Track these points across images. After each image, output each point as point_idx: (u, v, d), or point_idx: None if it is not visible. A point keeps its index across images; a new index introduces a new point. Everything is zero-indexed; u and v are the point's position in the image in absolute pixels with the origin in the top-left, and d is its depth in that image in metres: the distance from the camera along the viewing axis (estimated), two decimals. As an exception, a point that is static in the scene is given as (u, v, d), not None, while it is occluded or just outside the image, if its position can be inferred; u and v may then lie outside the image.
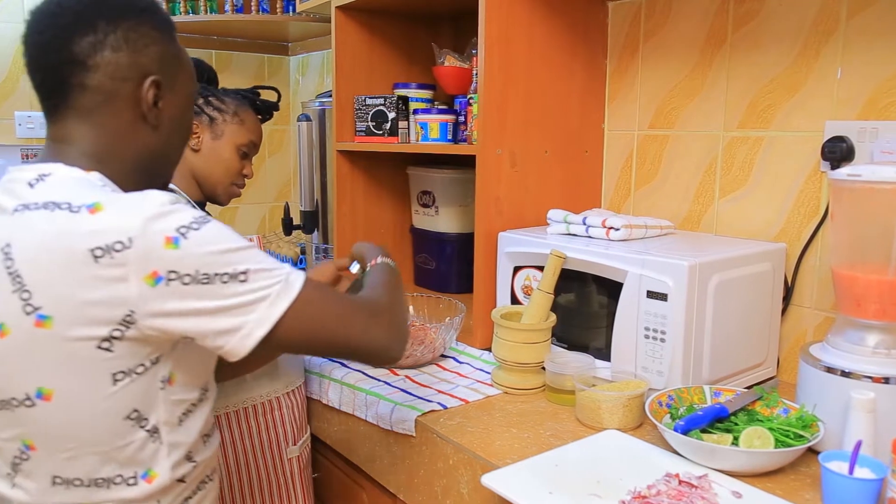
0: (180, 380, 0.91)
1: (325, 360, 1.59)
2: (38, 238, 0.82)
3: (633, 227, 1.43)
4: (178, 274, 0.82)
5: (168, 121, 0.97)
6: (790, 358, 1.46)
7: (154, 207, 0.83)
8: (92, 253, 0.80)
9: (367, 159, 2.08)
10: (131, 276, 0.81)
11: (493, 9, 1.52)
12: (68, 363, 0.84)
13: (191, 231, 0.83)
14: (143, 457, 0.90)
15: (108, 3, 0.91)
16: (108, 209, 0.82)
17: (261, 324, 0.86)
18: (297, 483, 1.46)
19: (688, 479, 1.00)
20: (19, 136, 2.54)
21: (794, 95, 1.43)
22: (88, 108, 0.91)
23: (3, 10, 2.48)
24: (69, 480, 0.89)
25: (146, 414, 0.89)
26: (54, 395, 0.85)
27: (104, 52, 0.89)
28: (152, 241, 0.81)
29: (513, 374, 1.37)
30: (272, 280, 0.87)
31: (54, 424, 0.86)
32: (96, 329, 0.82)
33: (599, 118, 1.79)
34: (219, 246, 0.84)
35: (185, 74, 1.00)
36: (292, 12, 2.52)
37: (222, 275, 0.84)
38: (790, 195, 1.45)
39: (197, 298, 0.83)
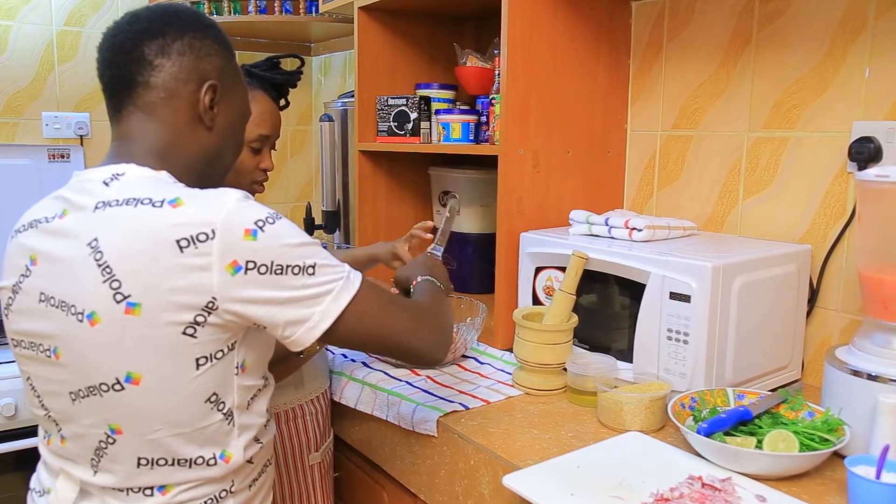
0: (250, 367, 0.97)
1: (346, 360, 1.60)
2: (125, 231, 0.88)
3: (655, 227, 1.42)
4: (256, 264, 0.88)
5: (222, 126, 1.04)
6: (815, 361, 1.44)
7: (233, 202, 0.90)
8: (178, 243, 0.86)
9: (389, 159, 2.09)
10: (214, 264, 0.87)
11: (516, 9, 1.52)
12: (156, 348, 0.89)
13: (267, 224, 0.90)
14: (219, 437, 0.96)
15: (179, 16, 1.01)
16: (189, 204, 0.89)
17: (326, 316, 0.92)
18: (317, 489, 1.46)
19: (711, 482, 1.00)
20: (46, 136, 2.57)
21: (821, 95, 1.41)
22: (152, 105, 0.98)
23: (31, 14, 2.52)
24: (154, 461, 0.94)
25: (223, 397, 0.95)
26: (142, 379, 0.90)
27: (170, 54, 0.98)
28: (233, 232, 0.88)
29: (534, 375, 1.37)
30: (336, 276, 0.94)
31: (141, 407, 0.91)
32: (181, 315, 0.88)
33: (622, 118, 1.78)
34: (292, 240, 0.91)
35: (241, 90, 1.09)
36: (315, 13, 2.53)
37: (293, 266, 0.90)
38: (816, 196, 1.44)
39: (271, 288, 0.89)
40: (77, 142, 2.61)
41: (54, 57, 2.58)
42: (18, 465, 1.85)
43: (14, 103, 2.52)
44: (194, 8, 1.06)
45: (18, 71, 2.52)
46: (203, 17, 1.04)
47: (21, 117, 2.54)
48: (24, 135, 2.55)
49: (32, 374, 0.98)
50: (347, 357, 1.61)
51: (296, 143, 3.12)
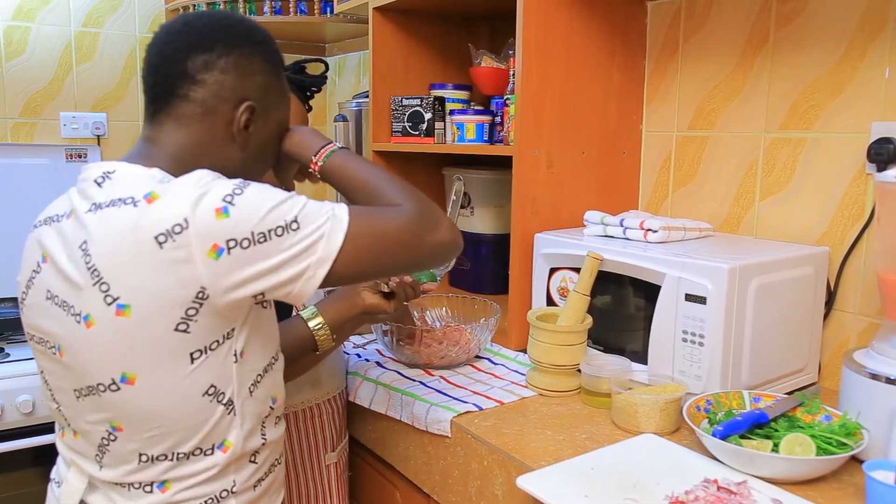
0: (250, 351, 0.96)
1: (360, 360, 1.60)
2: (110, 233, 0.88)
3: (671, 228, 1.42)
4: (237, 241, 0.87)
5: (255, 146, 1.04)
6: (832, 364, 1.43)
7: (198, 186, 0.88)
8: (156, 240, 0.86)
9: (404, 160, 2.09)
10: (195, 254, 0.86)
11: (531, 10, 1.52)
12: (149, 348, 0.89)
13: (236, 197, 0.88)
14: (220, 429, 0.96)
15: (230, 31, 1.00)
16: (163, 196, 0.88)
17: (322, 263, 0.91)
18: (333, 488, 1.46)
19: (726, 485, 0.99)
20: (64, 136, 2.60)
21: (839, 96, 1.40)
22: (187, 118, 0.99)
23: (50, 14, 2.54)
24: (154, 457, 0.94)
25: (222, 388, 0.94)
26: (137, 378, 0.90)
27: (214, 71, 0.98)
28: (205, 216, 0.86)
29: (548, 376, 1.37)
30: (321, 219, 0.91)
31: (139, 406, 0.92)
32: (172, 312, 0.87)
33: (637, 119, 1.77)
34: (266, 204, 0.89)
35: (282, 108, 1.08)
36: (330, 13, 2.53)
37: (276, 229, 0.88)
38: (834, 198, 1.42)
39: (259, 259, 0.88)
40: (94, 142, 2.63)
41: (72, 58, 2.60)
42: (36, 460, 1.87)
43: (33, 104, 2.55)
44: (248, 20, 1.05)
45: (37, 71, 2.55)
46: (257, 31, 1.03)
47: (39, 117, 2.57)
48: (43, 135, 2.57)
49: (44, 368, 1.00)
50: (361, 357, 1.62)
51: (310, 144, 3.13)
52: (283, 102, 1.08)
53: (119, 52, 2.66)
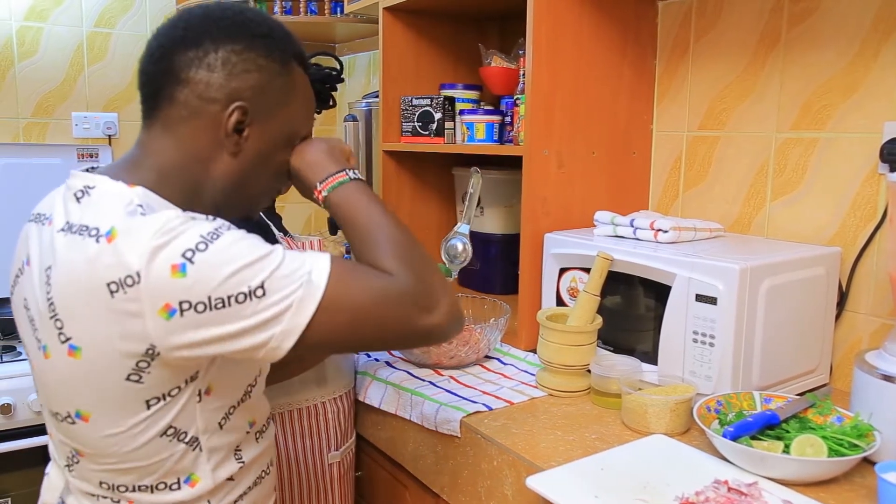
0: (219, 388, 0.90)
1: (370, 359, 1.60)
2: (69, 267, 0.82)
3: (681, 229, 1.41)
4: (191, 303, 0.79)
5: (253, 153, 0.93)
6: (844, 365, 1.42)
7: (159, 236, 0.79)
8: (108, 287, 0.79)
9: (413, 160, 2.09)
10: (146, 310, 0.79)
11: (542, 10, 1.52)
12: (100, 391, 0.85)
13: (197, 254, 0.79)
14: (184, 465, 0.91)
15: (220, 24, 0.90)
16: (121, 237, 0.80)
17: (288, 335, 0.81)
18: (335, 488, 1.46)
19: (737, 486, 0.99)
20: (75, 136, 2.61)
21: (852, 96, 1.39)
22: (173, 121, 0.91)
23: (63, 15, 2.56)
24: (116, 486, 0.91)
25: (184, 428, 0.89)
26: (91, 417, 0.87)
27: (199, 69, 0.89)
28: (159, 272, 0.78)
29: (558, 377, 1.36)
30: (294, 285, 0.81)
31: (95, 442, 0.89)
32: (122, 361, 0.82)
33: (648, 119, 1.77)
34: (229, 267, 0.79)
35: (289, 110, 0.96)
36: (340, 14, 2.54)
37: (237, 295, 0.79)
38: (846, 198, 1.42)
39: (215, 325, 0.80)
40: (105, 141, 2.65)
41: (84, 58, 2.62)
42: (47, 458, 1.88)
43: (45, 104, 2.56)
44: (251, 11, 0.94)
45: (49, 72, 2.56)
46: (256, 24, 0.92)
47: (51, 117, 2.58)
48: (55, 134, 2.59)
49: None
50: (371, 357, 1.62)
51: (320, 144, 3.14)
52: (292, 103, 0.96)
53: (131, 53, 2.68)
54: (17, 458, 1.83)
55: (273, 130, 0.94)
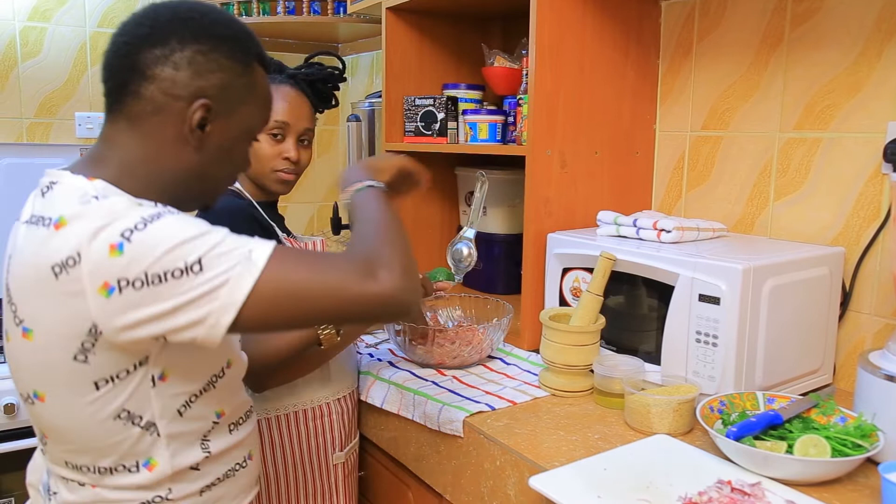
0: (175, 375, 0.91)
1: (372, 359, 1.60)
2: (22, 254, 0.87)
3: (684, 229, 1.41)
4: (129, 280, 0.81)
5: (215, 147, 0.96)
6: (847, 365, 1.42)
7: (102, 217, 0.83)
8: (53, 270, 0.83)
9: (416, 159, 2.08)
10: (87, 290, 0.82)
11: (545, 10, 1.52)
12: (50, 372, 0.88)
13: (135, 233, 0.81)
14: (141, 449, 0.92)
15: (188, 24, 0.92)
16: (70, 224, 0.83)
17: (225, 310, 0.82)
18: (339, 488, 1.46)
19: (740, 486, 0.99)
20: (79, 136, 2.62)
21: (855, 96, 1.39)
22: (138, 116, 0.93)
23: (66, 15, 2.56)
24: (78, 466, 0.94)
25: (139, 412, 0.90)
26: (46, 397, 0.91)
27: (165, 66, 0.91)
28: (98, 252, 0.81)
29: (561, 377, 1.36)
30: (232, 261, 0.82)
31: (53, 422, 0.92)
32: (68, 342, 0.85)
33: (651, 119, 1.77)
34: (166, 244, 0.81)
35: (250, 108, 0.99)
36: (343, 13, 2.54)
37: (173, 271, 0.81)
38: (849, 198, 1.41)
39: (153, 301, 0.81)
40: (109, 141, 2.65)
41: (87, 58, 2.62)
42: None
43: (48, 104, 2.57)
44: (217, 12, 0.96)
45: (53, 72, 2.57)
46: (221, 25, 0.95)
47: (55, 118, 2.59)
48: (58, 135, 2.59)
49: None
50: (374, 357, 1.62)
51: (323, 143, 3.14)
52: (252, 102, 0.98)
53: (134, 53, 2.68)
54: (20, 458, 1.82)
55: (233, 126, 0.97)
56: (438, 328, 1.58)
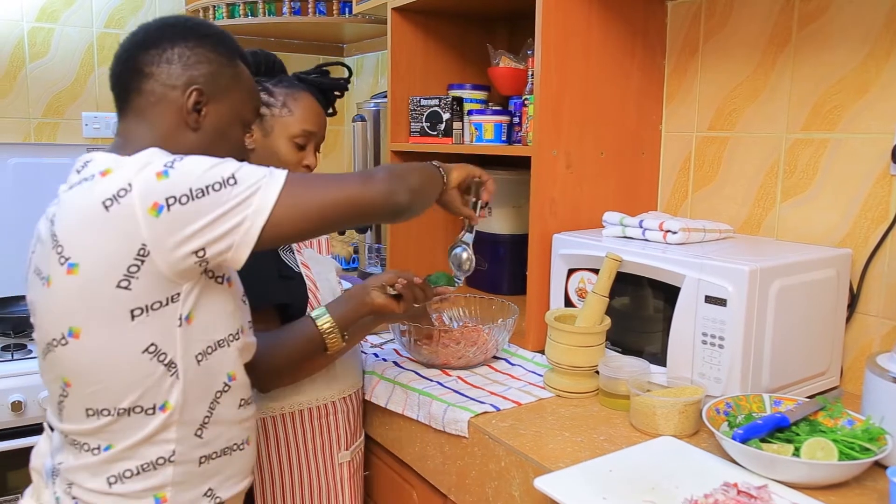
0: (200, 320, 1.00)
1: (377, 359, 1.60)
2: (69, 205, 0.98)
3: (690, 230, 1.41)
4: (176, 197, 0.93)
5: (211, 129, 1.10)
6: (854, 368, 1.41)
7: (146, 157, 0.96)
8: (103, 205, 0.93)
9: (421, 160, 2.08)
10: (137, 213, 0.92)
11: (550, 10, 1.51)
12: (92, 304, 0.95)
13: (176, 163, 0.95)
14: (162, 389, 0.99)
15: (176, 28, 1.09)
16: (115, 170, 0.96)
17: (259, 212, 0.95)
18: (345, 488, 1.46)
19: (746, 489, 0.98)
20: (86, 135, 2.63)
21: (863, 96, 1.38)
22: (143, 109, 1.07)
23: (73, 16, 2.57)
24: (98, 411, 1.00)
25: (163, 348, 0.98)
26: (82, 332, 0.97)
27: (160, 63, 1.07)
28: (147, 178, 0.93)
29: (566, 378, 1.36)
30: (259, 175, 0.97)
31: (83, 360, 0.98)
32: (114, 269, 0.94)
33: (657, 119, 1.76)
34: (203, 165, 0.96)
35: (238, 95, 1.13)
36: (348, 14, 2.54)
37: (213, 184, 0.94)
38: (857, 199, 1.41)
39: (198, 213, 0.93)
40: (115, 141, 2.66)
41: (94, 58, 2.63)
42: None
43: (56, 104, 2.58)
44: (197, 19, 1.13)
45: (60, 72, 2.58)
46: (203, 28, 1.11)
47: (62, 118, 2.60)
48: (65, 134, 2.61)
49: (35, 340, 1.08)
50: (379, 357, 1.62)
51: (328, 144, 3.14)
52: (239, 90, 1.13)
53: (140, 53, 2.68)
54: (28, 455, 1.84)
55: (225, 110, 1.12)
56: (443, 328, 1.58)
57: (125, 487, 1.00)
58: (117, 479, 1.00)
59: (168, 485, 1.02)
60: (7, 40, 2.48)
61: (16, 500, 1.87)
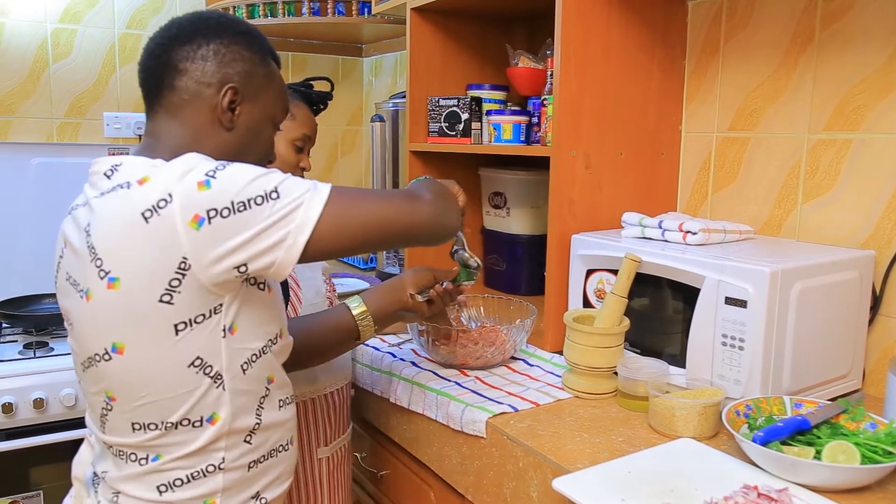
0: (243, 329, 0.99)
1: (395, 359, 1.60)
2: (105, 214, 0.95)
3: (710, 231, 1.40)
4: (217, 210, 0.90)
5: (244, 128, 1.08)
6: (877, 370, 1.40)
7: (184, 165, 0.94)
8: (143, 216, 0.91)
9: (440, 160, 2.09)
10: (178, 225, 0.90)
11: (570, 10, 1.51)
12: (134, 318, 0.94)
13: (218, 172, 0.93)
14: (208, 402, 0.98)
15: (210, 24, 1.06)
16: (153, 178, 0.93)
17: (302, 228, 0.93)
18: (324, 483, 1.47)
19: (767, 492, 0.97)
20: (107, 135, 2.66)
21: (888, 96, 1.37)
22: (176, 106, 1.05)
23: (96, 17, 2.60)
24: (145, 425, 0.98)
25: (209, 361, 0.97)
26: (126, 348, 0.95)
27: (195, 60, 1.04)
28: (188, 188, 0.91)
29: (584, 378, 1.36)
30: (303, 188, 0.95)
31: (128, 375, 0.96)
32: (156, 284, 0.92)
33: (677, 120, 1.75)
34: (246, 176, 0.93)
35: (271, 94, 1.11)
36: (367, 14, 2.55)
37: (255, 198, 0.92)
38: (881, 200, 1.39)
39: (240, 227, 0.91)
40: (136, 141, 2.68)
41: (116, 59, 2.66)
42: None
43: (78, 104, 2.61)
44: (231, 16, 1.10)
45: (82, 73, 2.61)
46: (237, 24, 1.08)
47: (84, 118, 2.63)
48: (87, 134, 2.63)
49: (70, 347, 1.07)
50: (396, 357, 1.62)
51: (346, 144, 3.16)
52: (272, 89, 1.11)
53: (161, 54, 2.71)
54: (50, 452, 1.87)
55: (259, 110, 1.10)
56: (461, 328, 1.58)
57: (175, 495, 1.00)
58: (168, 488, 1.00)
59: (218, 491, 1.02)
60: (31, 41, 2.52)
61: (38, 496, 1.90)
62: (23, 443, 1.84)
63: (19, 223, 2.45)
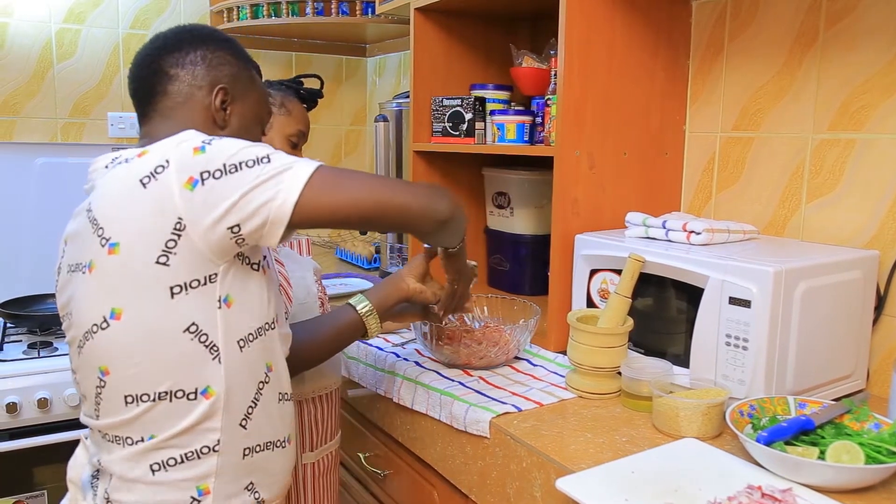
0: (239, 306, 1.01)
1: (399, 358, 1.60)
2: (105, 188, 1.00)
3: (714, 231, 1.40)
4: (210, 172, 0.95)
5: (236, 127, 1.15)
6: (881, 371, 1.40)
7: (183, 135, 0.99)
8: (141, 182, 0.96)
9: (444, 160, 2.10)
10: (173, 187, 0.94)
11: (574, 10, 1.51)
12: (132, 281, 0.97)
13: (215, 140, 0.98)
14: (205, 374, 1.00)
15: (193, 33, 1.14)
16: (152, 150, 0.99)
17: (292, 188, 0.96)
18: (308, 489, 1.46)
19: (771, 492, 0.97)
20: (111, 135, 2.66)
21: (892, 96, 1.36)
22: (170, 109, 1.11)
23: (100, 17, 2.61)
24: (138, 397, 1.00)
25: (205, 329, 0.99)
26: (123, 312, 0.98)
27: (185, 65, 1.11)
28: (183, 154, 0.96)
29: (588, 378, 1.36)
30: (293, 158, 1.00)
31: (124, 342, 0.98)
32: (153, 246, 0.95)
33: (680, 120, 1.75)
34: (240, 144, 0.98)
35: (256, 96, 1.19)
36: (371, 14, 2.55)
37: (247, 161, 0.96)
38: (885, 200, 1.39)
39: (232, 188, 0.94)
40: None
41: (120, 59, 2.66)
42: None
43: (82, 104, 2.62)
44: (210, 27, 1.19)
45: (86, 73, 2.61)
46: (218, 34, 1.17)
47: (88, 117, 2.63)
48: (91, 134, 2.64)
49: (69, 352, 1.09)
50: (400, 356, 1.62)
51: (350, 143, 3.16)
52: (255, 93, 1.18)
53: (165, 54, 2.72)
54: (54, 452, 1.87)
55: (247, 110, 1.17)
56: (465, 328, 1.58)
57: (168, 476, 1.01)
58: (161, 467, 1.00)
59: (212, 475, 1.02)
60: (35, 41, 2.52)
61: (42, 496, 1.90)
62: (27, 442, 1.85)
63: (23, 223, 2.45)
